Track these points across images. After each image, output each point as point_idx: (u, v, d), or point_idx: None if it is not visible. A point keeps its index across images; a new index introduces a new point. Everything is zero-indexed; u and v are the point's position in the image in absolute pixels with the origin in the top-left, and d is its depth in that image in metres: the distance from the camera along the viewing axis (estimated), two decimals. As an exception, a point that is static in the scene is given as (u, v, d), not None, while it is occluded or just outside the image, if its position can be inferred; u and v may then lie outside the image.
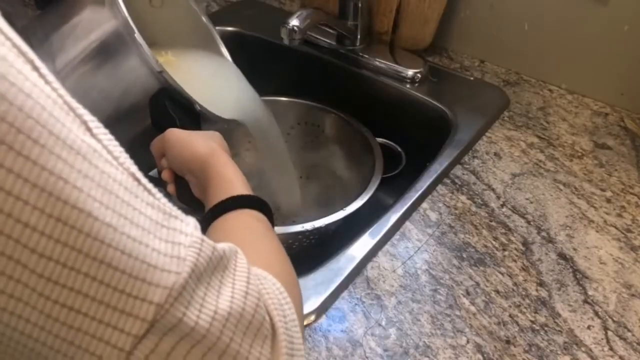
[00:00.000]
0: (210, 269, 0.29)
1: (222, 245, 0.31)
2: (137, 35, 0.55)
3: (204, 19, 0.73)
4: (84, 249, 0.23)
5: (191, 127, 0.57)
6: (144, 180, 0.28)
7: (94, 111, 0.27)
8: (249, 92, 0.72)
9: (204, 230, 0.42)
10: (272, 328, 0.31)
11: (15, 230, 0.22)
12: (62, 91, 0.25)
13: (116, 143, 0.27)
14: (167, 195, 0.55)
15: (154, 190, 0.28)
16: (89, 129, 0.25)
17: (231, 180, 0.48)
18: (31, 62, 0.23)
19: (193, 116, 0.60)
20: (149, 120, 0.59)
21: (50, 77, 0.24)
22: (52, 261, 0.23)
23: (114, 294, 0.24)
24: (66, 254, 0.23)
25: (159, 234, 0.27)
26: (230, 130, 0.68)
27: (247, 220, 0.44)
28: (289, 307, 0.33)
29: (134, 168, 0.27)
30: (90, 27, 0.57)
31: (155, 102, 0.58)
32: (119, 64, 0.57)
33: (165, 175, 0.56)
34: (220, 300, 0.28)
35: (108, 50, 0.57)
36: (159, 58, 0.62)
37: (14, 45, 0.23)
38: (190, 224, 0.29)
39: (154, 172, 0.60)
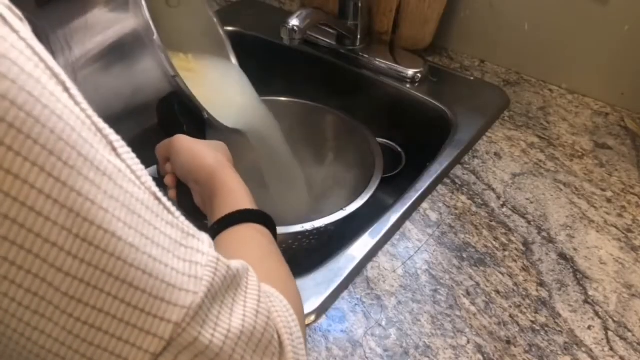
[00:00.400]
0: (225, 288, 0.30)
1: (235, 264, 0.31)
2: (156, 37, 0.55)
3: (218, 26, 0.73)
4: (108, 268, 0.24)
5: (196, 133, 0.58)
6: (164, 199, 0.29)
7: (103, 106, 0.27)
8: (255, 102, 0.72)
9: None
10: (280, 346, 0.32)
11: (44, 249, 0.23)
12: (90, 112, 0.25)
13: (138, 162, 0.28)
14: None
15: (173, 208, 0.29)
16: (114, 149, 0.26)
17: (237, 193, 0.48)
18: (63, 84, 0.24)
19: (199, 122, 0.61)
20: (156, 120, 0.59)
21: (80, 98, 0.25)
22: (77, 280, 0.24)
23: (134, 312, 0.25)
24: (90, 273, 0.24)
25: (177, 252, 0.27)
26: (235, 140, 0.69)
27: (253, 234, 0.45)
28: (295, 325, 0.34)
29: (154, 187, 0.28)
30: (109, 23, 0.57)
31: (164, 104, 0.58)
32: (133, 63, 0.57)
33: (168, 180, 0.56)
34: (233, 318, 0.29)
35: (124, 49, 0.57)
36: (178, 60, 0.62)
37: (48, 67, 0.24)
38: (205, 242, 0.30)
39: (152, 170, 0.60)
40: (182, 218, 0.29)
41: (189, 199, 0.54)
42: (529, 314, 0.55)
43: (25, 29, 0.23)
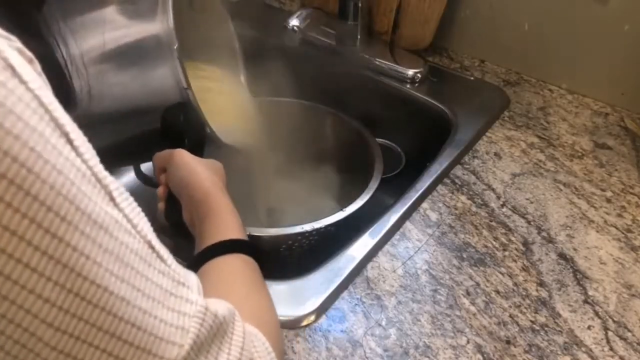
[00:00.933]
0: (210, 337, 0.31)
1: (222, 311, 0.32)
2: (176, 47, 0.55)
3: (235, 42, 0.73)
4: (98, 322, 0.25)
5: (196, 146, 0.58)
6: (158, 247, 0.29)
7: (111, 102, 0.27)
8: (256, 125, 0.72)
9: (196, 267, 0.43)
10: None
11: (35, 305, 0.23)
12: (92, 161, 0.26)
13: (136, 208, 0.28)
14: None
15: (167, 255, 0.30)
16: (112, 199, 0.27)
17: (227, 220, 0.49)
18: (66, 135, 0.25)
19: (201, 136, 0.61)
20: (158, 124, 0.59)
21: (83, 148, 0.25)
22: (67, 334, 0.24)
23: None
24: (80, 327, 0.25)
25: (167, 303, 0.28)
26: (231, 153, 0.70)
27: (240, 267, 0.45)
28: None
29: (150, 235, 0.29)
30: (130, 22, 0.56)
31: (170, 112, 0.58)
32: (149, 66, 0.57)
33: (160, 191, 0.56)
34: None
35: (142, 50, 0.56)
36: (192, 69, 0.62)
37: (52, 118, 0.24)
38: (194, 289, 0.31)
39: (148, 169, 0.59)
40: (174, 264, 0.30)
41: (178, 214, 0.54)
42: (529, 314, 0.55)
43: (34, 76, 0.24)
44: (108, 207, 0.26)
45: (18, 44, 0.24)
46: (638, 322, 0.55)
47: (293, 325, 0.54)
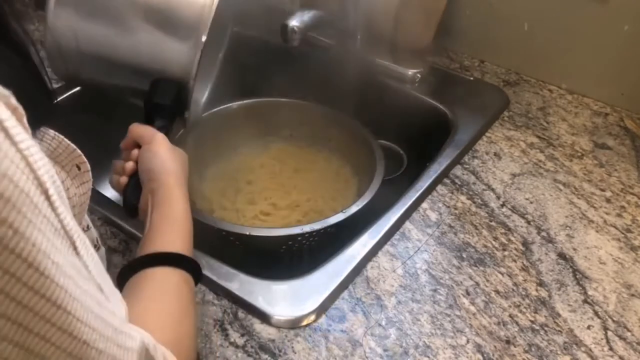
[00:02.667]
0: None
1: (149, 342, 0.35)
2: (204, 39, 0.56)
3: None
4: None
5: (165, 122, 0.59)
6: (105, 287, 0.32)
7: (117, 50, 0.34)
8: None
9: (136, 270, 0.45)
10: None
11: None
12: (63, 215, 0.28)
13: (91, 252, 0.31)
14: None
15: (109, 292, 0.32)
16: (75, 248, 0.29)
17: (180, 229, 0.50)
18: (45, 193, 0.26)
19: (177, 115, 0.62)
20: (146, 87, 0.59)
21: (57, 203, 0.27)
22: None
23: None
24: None
25: (117, 341, 0.31)
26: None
27: (177, 285, 0.46)
28: None
29: (99, 277, 0.31)
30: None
31: (163, 83, 0.59)
32: (169, 33, 0.57)
33: (129, 167, 0.56)
34: None
35: (173, 16, 0.57)
36: None
37: (35, 177, 0.25)
38: (134, 329, 0.33)
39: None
40: (113, 301, 0.32)
41: (137, 197, 0.54)
42: (529, 314, 0.55)
43: (23, 135, 0.25)
44: (72, 256, 0.28)
45: (14, 101, 0.25)
46: (637, 321, 0.55)
47: (293, 325, 0.54)
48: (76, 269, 0.28)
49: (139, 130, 0.57)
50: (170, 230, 0.50)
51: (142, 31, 0.57)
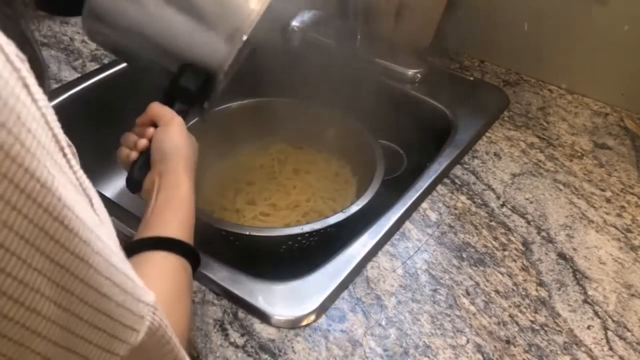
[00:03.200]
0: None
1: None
2: (245, 38, 0.56)
3: None
4: (86, 316, 0.28)
5: (184, 107, 0.59)
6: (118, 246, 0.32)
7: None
8: None
9: (135, 252, 0.45)
10: None
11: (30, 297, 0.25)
12: (79, 173, 0.29)
13: (106, 212, 0.32)
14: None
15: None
16: (92, 205, 0.30)
17: (183, 215, 0.50)
18: (62, 150, 0.27)
19: (198, 103, 0.61)
20: (175, 69, 0.59)
21: (73, 162, 0.28)
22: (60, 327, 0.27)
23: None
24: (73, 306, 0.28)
25: (135, 294, 0.32)
26: None
27: (175, 270, 0.46)
28: None
29: (114, 235, 0.32)
30: None
31: (192, 70, 0.58)
32: (208, 21, 0.57)
33: (142, 144, 0.56)
34: None
35: (218, 5, 0.57)
36: None
37: (53, 135, 0.26)
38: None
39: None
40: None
41: (144, 174, 0.54)
42: (529, 314, 0.55)
43: (41, 94, 0.25)
44: (91, 212, 0.29)
45: (12, 44, 0.25)
46: (637, 321, 0.55)
47: (293, 325, 0.54)
48: (96, 223, 0.29)
49: (159, 110, 0.56)
50: (174, 215, 0.50)
51: (185, 15, 0.56)
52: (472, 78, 0.90)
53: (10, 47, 0.24)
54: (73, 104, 0.85)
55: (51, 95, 0.84)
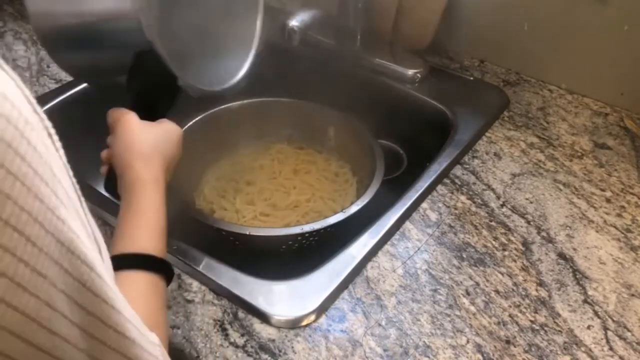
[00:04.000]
0: None
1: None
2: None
3: None
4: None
5: (165, 98, 0.56)
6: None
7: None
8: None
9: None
10: None
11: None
12: (74, 179, 0.29)
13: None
14: None
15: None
16: (82, 207, 0.30)
17: (148, 224, 0.47)
18: (57, 151, 0.27)
19: (171, 89, 0.57)
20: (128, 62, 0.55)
21: (58, 144, 0.28)
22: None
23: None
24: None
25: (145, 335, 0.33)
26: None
27: (147, 291, 0.44)
28: None
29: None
30: None
31: (141, 59, 0.54)
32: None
33: (104, 155, 0.54)
34: None
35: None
36: None
37: (52, 142, 0.27)
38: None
39: None
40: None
41: (114, 183, 0.52)
42: (529, 314, 0.55)
43: (32, 98, 0.26)
44: (99, 258, 0.30)
45: (17, 78, 0.26)
46: (637, 321, 0.55)
47: (293, 325, 0.54)
48: (104, 270, 0.29)
49: (111, 114, 0.54)
50: (137, 224, 0.46)
51: None
52: (472, 78, 0.90)
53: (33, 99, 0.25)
54: (73, 103, 0.85)
55: (51, 95, 0.85)
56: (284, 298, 0.56)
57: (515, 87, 0.89)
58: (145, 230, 0.46)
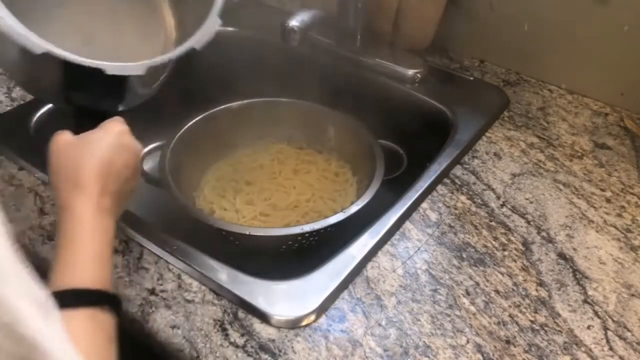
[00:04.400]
0: None
1: None
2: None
3: None
4: None
5: (101, 93, 0.52)
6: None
7: None
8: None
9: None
10: None
11: None
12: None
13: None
14: None
15: None
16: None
17: (83, 253, 0.43)
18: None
19: (115, 91, 0.52)
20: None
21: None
22: None
23: None
24: None
25: None
26: None
27: (89, 333, 0.40)
28: None
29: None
30: None
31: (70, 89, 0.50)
32: None
33: None
34: None
35: None
36: None
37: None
38: None
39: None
40: None
41: None
42: (529, 314, 0.55)
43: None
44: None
45: None
46: (638, 321, 0.55)
47: (293, 325, 0.54)
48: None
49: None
50: (71, 255, 0.43)
51: None
52: (472, 78, 0.90)
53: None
54: (64, 109, 0.84)
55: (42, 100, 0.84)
56: (284, 298, 0.56)
57: (515, 87, 0.89)
58: (81, 261, 0.43)
